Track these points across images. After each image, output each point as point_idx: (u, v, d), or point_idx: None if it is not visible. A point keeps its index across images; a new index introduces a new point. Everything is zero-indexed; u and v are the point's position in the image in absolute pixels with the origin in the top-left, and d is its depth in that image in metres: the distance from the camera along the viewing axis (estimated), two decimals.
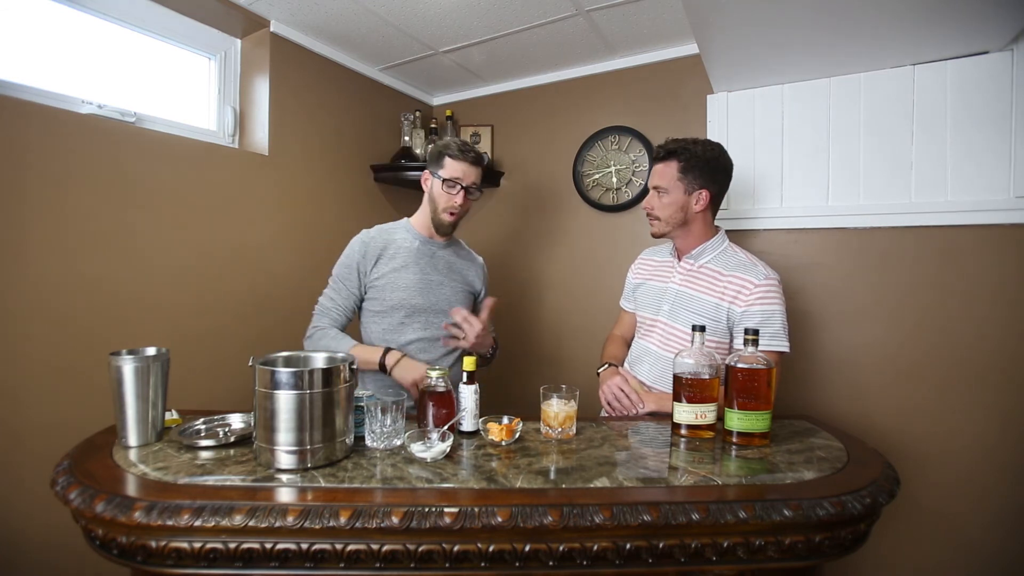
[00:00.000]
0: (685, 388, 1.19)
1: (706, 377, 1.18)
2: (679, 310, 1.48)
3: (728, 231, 1.57)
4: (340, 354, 1.13)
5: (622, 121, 2.34)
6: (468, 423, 1.18)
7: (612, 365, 1.60)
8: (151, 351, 1.11)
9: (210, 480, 0.91)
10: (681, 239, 1.52)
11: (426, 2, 1.85)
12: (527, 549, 0.83)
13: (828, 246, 1.89)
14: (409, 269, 1.59)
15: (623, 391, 1.44)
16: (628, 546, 0.84)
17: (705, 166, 1.44)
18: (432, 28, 2.05)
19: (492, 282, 1.89)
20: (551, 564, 0.84)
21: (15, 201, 1.39)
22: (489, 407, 1.25)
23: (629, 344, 1.68)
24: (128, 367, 1.05)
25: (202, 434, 1.15)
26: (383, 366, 1.48)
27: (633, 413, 1.42)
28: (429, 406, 1.15)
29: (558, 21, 1.99)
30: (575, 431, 1.20)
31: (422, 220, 1.65)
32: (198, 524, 0.79)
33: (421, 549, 0.82)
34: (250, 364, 1.01)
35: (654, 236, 1.54)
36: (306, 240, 2.19)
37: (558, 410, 1.18)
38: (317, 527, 0.80)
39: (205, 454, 1.04)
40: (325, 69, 2.24)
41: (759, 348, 1.18)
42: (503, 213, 2.66)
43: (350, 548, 0.81)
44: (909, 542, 1.78)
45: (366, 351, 1.51)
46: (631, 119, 2.32)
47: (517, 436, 1.16)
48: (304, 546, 0.81)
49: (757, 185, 2.00)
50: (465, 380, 1.19)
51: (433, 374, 1.18)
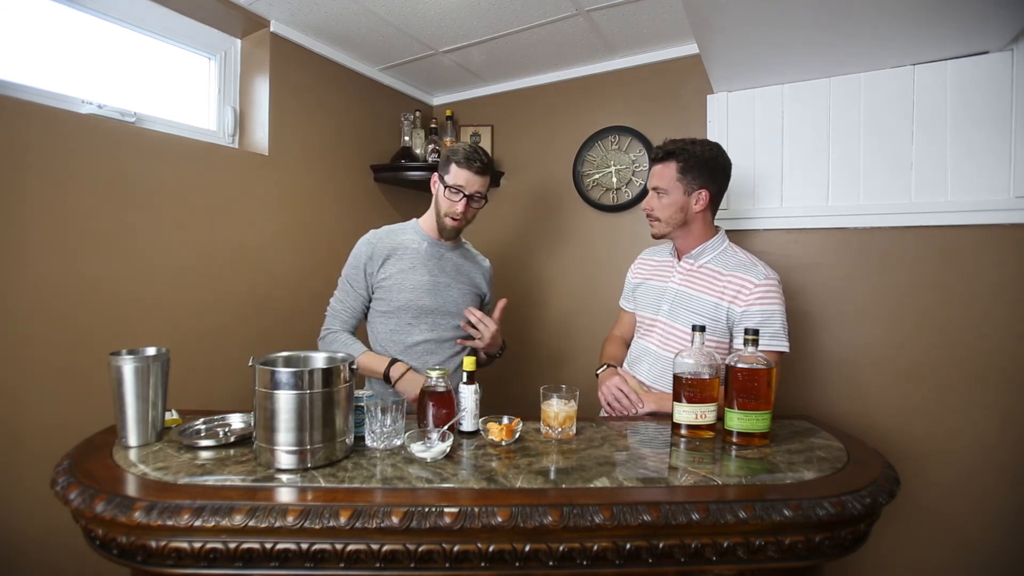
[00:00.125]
0: (685, 388, 1.19)
1: (706, 377, 1.18)
2: (679, 310, 1.48)
3: (728, 231, 1.57)
4: (340, 354, 1.13)
5: (622, 121, 2.34)
6: (468, 423, 1.18)
7: (611, 366, 1.60)
8: (151, 351, 1.11)
9: (210, 480, 0.91)
10: (681, 239, 1.52)
11: (426, 2, 1.85)
12: (527, 549, 0.83)
13: (828, 246, 1.89)
14: (417, 270, 1.59)
15: (622, 391, 1.44)
16: (628, 546, 0.84)
17: (704, 166, 1.44)
18: (432, 28, 2.05)
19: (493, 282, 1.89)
20: (551, 564, 0.84)
21: (15, 201, 1.39)
22: (490, 407, 1.25)
23: (628, 344, 1.68)
24: (128, 367, 1.05)
25: (202, 434, 1.15)
26: (388, 377, 1.48)
27: (633, 413, 1.42)
28: (429, 406, 1.15)
29: (558, 21, 1.99)
30: (575, 431, 1.20)
31: (430, 222, 1.65)
32: (198, 524, 0.79)
33: (421, 549, 0.82)
34: (250, 364, 1.01)
35: (654, 237, 1.54)
36: (306, 240, 2.19)
37: (558, 410, 1.18)
38: (317, 527, 0.80)
39: (205, 454, 1.04)
40: (325, 69, 2.24)
41: (759, 348, 1.18)
42: (503, 213, 2.66)
43: (350, 548, 0.81)
44: (909, 542, 1.78)
45: (372, 360, 1.52)
46: (631, 119, 2.32)
47: (517, 436, 1.16)
48: (304, 546, 0.81)
49: (757, 185, 2.00)
50: (465, 380, 1.19)
51: (433, 374, 1.18)
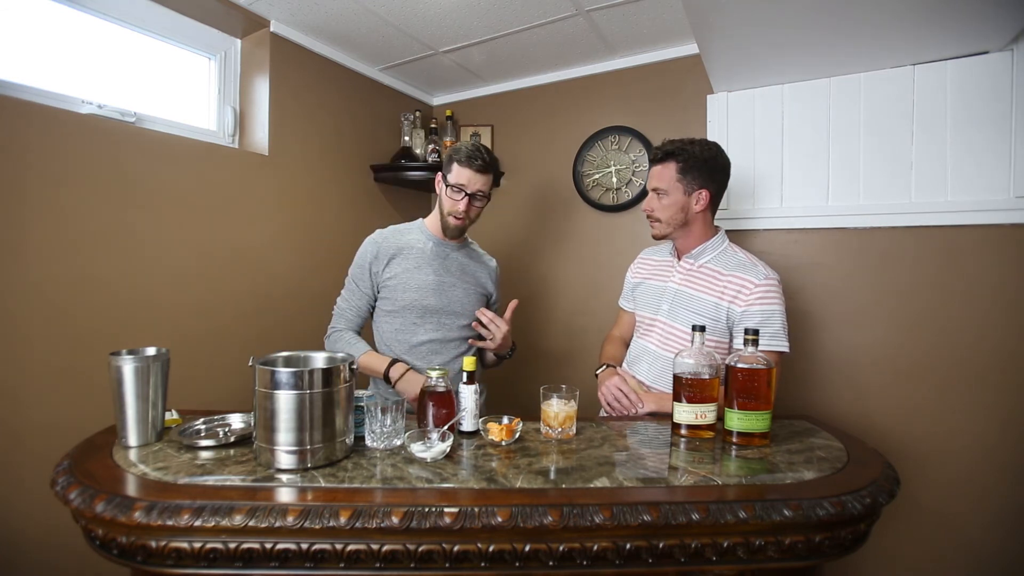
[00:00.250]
0: (685, 388, 1.19)
1: (706, 377, 1.18)
2: (678, 309, 1.48)
3: (728, 231, 1.57)
4: (340, 354, 1.13)
5: (622, 121, 2.34)
6: (468, 423, 1.18)
7: (610, 366, 1.60)
8: (151, 351, 1.11)
9: (210, 480, 0.91)
10: (682, 239, 1.52)
11: (426, 2, 1.85)
12: (527, 549, 0.83)
13: (828, 246, 1.89)
14: (422, 270, 1.59)
15: (622, 391, 1.44)
16: (628, 546, 0.84)
17: (703, 166, 1.44)
18: (432, 28, 2.05)
19: None
20: (551, 564, 0.84)
21: (15, 201, 1.39)
22: (492, 407, 1.25)
23: (628, 344, 1.68)
24: (128, 367, 1.05)
25: (202, 434, 1.15)
26: (387, 378, 1.49)
27: (632, 413, 1.42)
28: (429, 406, 1.15)
29: (558, 21, 1.99)
30: (575, 431, 1.20)
31: (436, 222, 1.65)
32: (198, 524, 0.79)
33: (421, 549, 0.82)
34: (250, 364, 1.01)
35: (655, 238, 1.54)
36: (306, 240, 2.19)
37: (558, 410, 1.18)
38: (317, 527, 0.80)
39: (205, 454, 1.04)
40: (325, 69, 2.24)
41: (759, 348, 1.18)
42: (503, 213, 2.66)
43: (350, 548, 0.81)
44: (909, 542, 1.78)
45: (374, 360, 1.52)
46: (631, 119, 2.32)
47: (517, 436, 1.16)
48: (304, 546, 0.81)
49: (757, 185, 2.00)
50: (465, 380, 1.19)
51: (433, 374, 1.18)
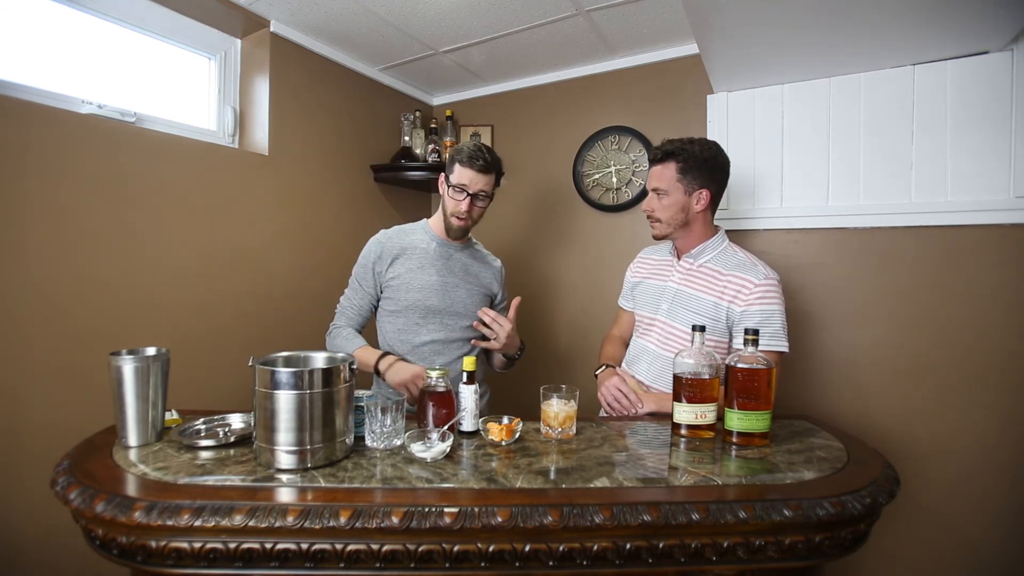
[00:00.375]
0: (685, 388, 1.19)
1: (706, 377, 1.18)
2: (678, 309, 1.48)
3: (728, 231, 1.57)
4: (340, 354, 1.13)
5: (622, 121, 2.34)
6: (468, 423, 1.18)
7: (610, 366, 1.60)
8: (151, 351, 1.11)
9: (210, 480, 0.91)
10: (682, 239, 1.52)
11: (426, 2, 1.85)
12: (527, 549, 0.83)
13: (828, 246, 1.89)
14: (425, 270, 1.59)
15: (622, 392, 1.44)
16: (628, 546, 0.84)
17: (703, 165, 1.44)
18: (432, 28, 2.05)
19: None
20: (551, 564, 0.84)
21: (15, 201, 1.39)
22: (494, 407, 1.25)
23: (627, 344, 1.68)
24: (128, 367, 1.05)
25: (202, 434, 1.15)
26: (378, 371, 1.49)
27: (632, 413, 1.42)
28: (429, 406, 1.15)
29: (558, 21, 1.99)
30: (575, 431, 1.20)
31: (439, 222, 1.65)
32: (198, 524, 0.79)
33: (421, 549, 0.82)
34: (250, 364, 1.01)
35: (656, 238, 1.54)
36: (306, 240, 2.19)
37: (558, 410, 1.18)
38: (317, 527, 0.80)
39: (205, 454, 1.04)
40: (325, 69, 2.24)
41: (759, 348, 1.18)
42: (503, 213, 2.66)
43: (350, 548, 0.81)
44: (909, 542, 1.78)
45: (366, 354, 1.51)
46: (631, 119, 2.32)
47: (517, 436, 1.16)
48: (304, 546, 0.81)
49: (757, 185, 2.00)
50: (465, 380, 1.19)
51: (433, 374, 1.18)
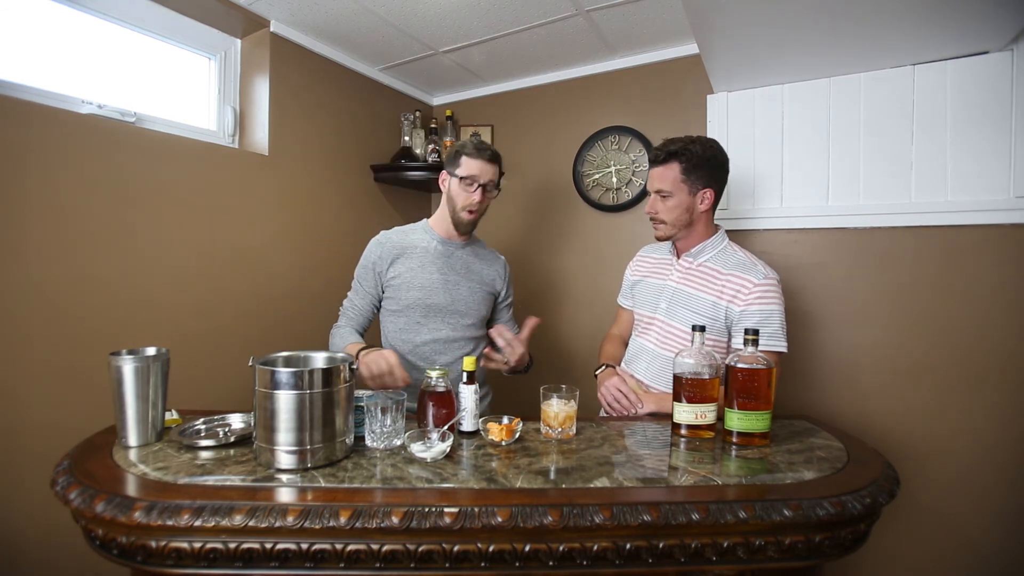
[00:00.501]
0: (685, 388, 1.19)
1: (706, 377, 1.18)
2: (677, 308, 1.48)
3: (728, 231, 1.57)
4: (340, 354, 1.13)
5: (622, 121, 2.34)
6: (468, 423, 1.18)
7: (609, 366, 1.60)
8: (151, 351, 1.11)
9: (210, 480, 0.91)
10: (684, 239, 1.52)
11: (426, 2, 1.85)
12: (527, 549, 0.83)
13: (828, 246, 1.89)
14: (426, 269, 1.60)
15: (622, 392, 1.44)
16: (628, 546, 0.84)
17: (707, 165, 1.43)
18: (432, 28, 2.05)
19: None
20: (551, 564, 0.84)
21: (15, 201, 1.39)
22: (497, 408, 1.25)
23: (627, 343, 1.68)
24: (128, 367, 1.05)
25: (202, 434, 1.15)
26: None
27: (632, 413, 1.42)
28: (429, 406, 1.15)
29: (558, 21, 1.99)
30: (575, 431, 1.20)
31: (440, 221, 1.66)
32: (198, 524, 0.79)
33: (421, 549, 0.82)
34: (250, 364, 1.01)
35: (659, 240, 1.53)
36: (306, 240, 2.19)
37: (558, 410, 1.18)
38: (317, 527, 0.80)
39: (205, 454, 1.04)
40: (325, 69, 2.24)
41: (758, 348, 1.18)
42: (503, 213, 2.66)
43: (350, 548, 0.81)
44: (909, 542, 1.78)
45: (353, 349, 1.50)
46: (631, 119, 2.32)
47: (517, 436, 1.16)
48: (304, 546, 0.81)
49: (757, 185, 2.00)
50: (465, 380, 1.19)
51: (433, 374, 1.18)
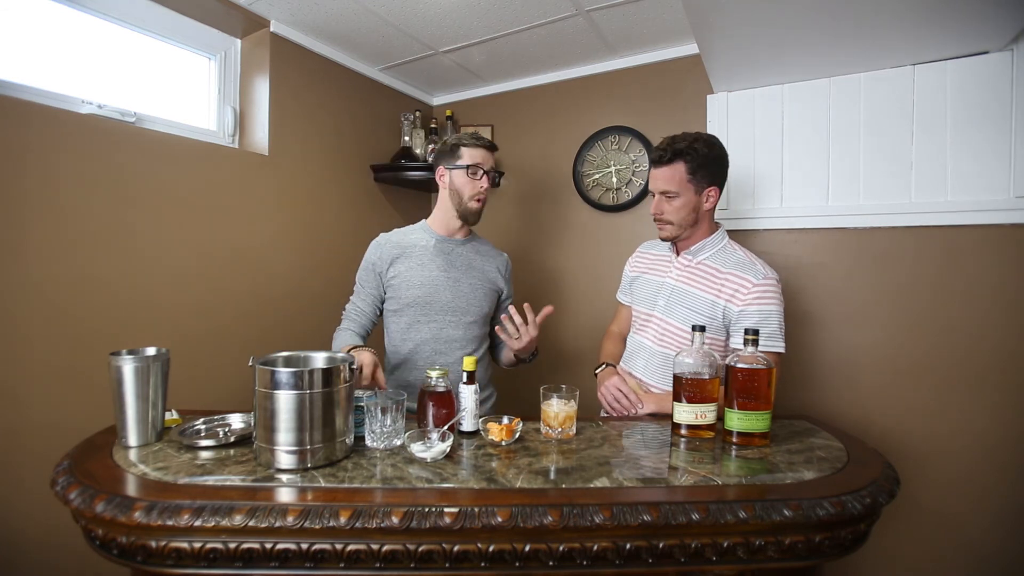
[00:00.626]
0: (685, 388, 1.19)
1: (706, 377, 1.18)
2: (675, 306, 1.48)
3: (728, 231, 1.57)
4: (340, 354, 1.13)
5: (622, 121, 2.34)
6: (468, 423, 1.18)
7: (610, 365, 1.60)
8: (151, 351, 1.11)
9: (210, 480, 0.91)
10: (686, 238, 1.51)
11: (426, 2, 1.85)
12: (527, 549, 0.83)
13: (828, 246, 1.89)
14: (427, 267, 1.60)
15: (621, 392, 1.44)
16: (628, 546, 0.84)
17: (711, 163, 1.42)
18: (432, 28, 2.05)
19: None
20: (551, 564, 0.84)
21: (15, 201, 1.39)
22: (500, 408, 1.24)
23: (626, 338, 1.67)
24: (128, 367, 1.05)
25: (202, 434, 1.15)
26: None
27: (632, 413, 1.42)
28: (429, 406, 1.15)
29: (558, 21, 1.99)
30: (575, 431, 1.20)
31: (439, 219, 1.66)
32: (198, 524, 0.79)
33: (421, 549, 0.82)
34: (250, 364, 1.01)
35: (664, 240, 1.52)
36: (306, 240, 2.19)
37: (558, 410, 1.18)
38: (317, 527, 0.80)
39: (205, 454, 1.04)
40: (325, 69, 2.24)
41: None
42: (503, 213, 2.66)
43: (350, 548, 0.81)
44: (909, 542, 1.78)
45: (344, 349, 1.50)
46: (631, 119, 2.32)
47: (517, 436, 1.16)
48: (304, 546, 0.81)
49: (757, 185, 2.00)
50: (465, 380, 1.19)
51: (433, 374, 1.18)
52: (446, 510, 0.82)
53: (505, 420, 1.17)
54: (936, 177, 1.70)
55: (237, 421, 1.22)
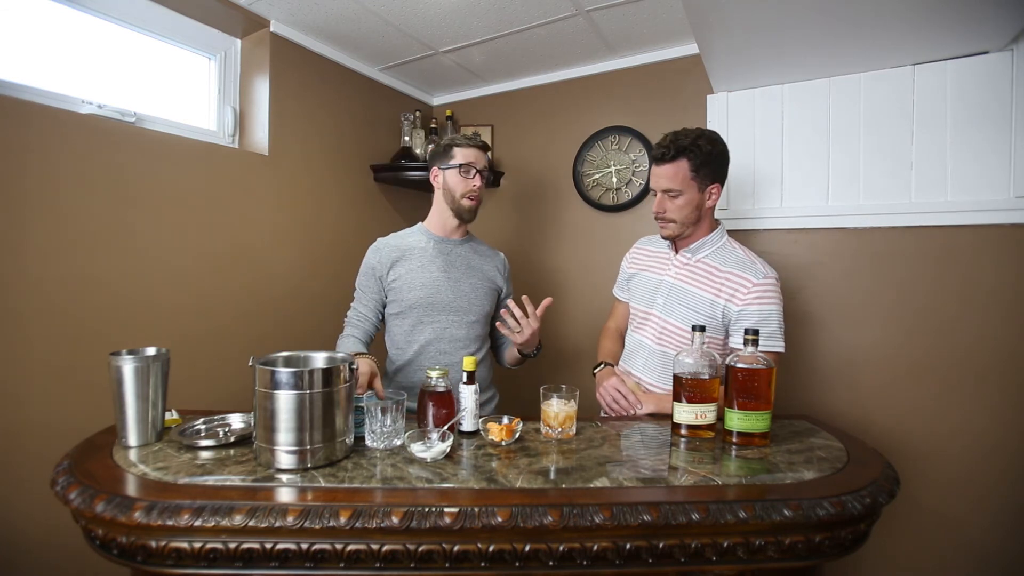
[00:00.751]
0: (685, 388, 1.19)
1: (706, 377, 1.18)
2: (673, 304, 1.47)
3: (728, 231, 1.56)
4: (340, 354, 1.13)
5: (622, 121, 2.34)
6: (468, 423, 1.18)
7: (608, 364, 1.59)
8: (151, 351, 1.11)
9: (210, 480, 0.92)
10: (686, 236, 1.49)
11: (426, 2, 1.85)
12: (527, 549, 0.83)
13: (828, 246, 1.89)
14: (427, 268, 1.60)
15: (620, 392, 1.44)
16: (628, 546, 0.84)
17: (714, 161, 1.41)
18: (432, 28, 2.05)
19: None
20: (551, 564, 0.84)
21: (15, 201, 1.39)
22: (501, 408, 1.24)
23: (624, 335, 1.67)
24: (128, 367, 1.05)
25: (202, 434, 1.15)
26: None
27: (632, 414, 1.42)
28: (429, 406, 1.15)
29: (558, 21, 1.99)
30: (575, 431, 1.20)
31: (436, 220, 1.66)
32: (198, 524, 0.79)
33: (421, 549, 0.82)
34: (250, 364, 1.01)
35: (667, 238, 1.50)
36: (306, 240, 2.19)
37: (558, 410, 1.18)
38: (317, 527, 0.80)
39: (205, 454, 1.04)
40: (325, 69, 2.24)
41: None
42: (503, 213, 2.66)
43: (350, 548, 0.81)
44: (909, 542, 1.78)
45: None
46: (631, 119, 2.32)
47: (517, 436, 1.16)
48: (304, 546, 0.81)
49: (757, 185, 2.00)
50: (465, 380, 1.19)
51: (433, 374, 1.18)
52: (446, 510, 0.82)
53: (505, 420, 1.17)
54: (936, 177, 1.70)
55: (237, 421, 1.22)
